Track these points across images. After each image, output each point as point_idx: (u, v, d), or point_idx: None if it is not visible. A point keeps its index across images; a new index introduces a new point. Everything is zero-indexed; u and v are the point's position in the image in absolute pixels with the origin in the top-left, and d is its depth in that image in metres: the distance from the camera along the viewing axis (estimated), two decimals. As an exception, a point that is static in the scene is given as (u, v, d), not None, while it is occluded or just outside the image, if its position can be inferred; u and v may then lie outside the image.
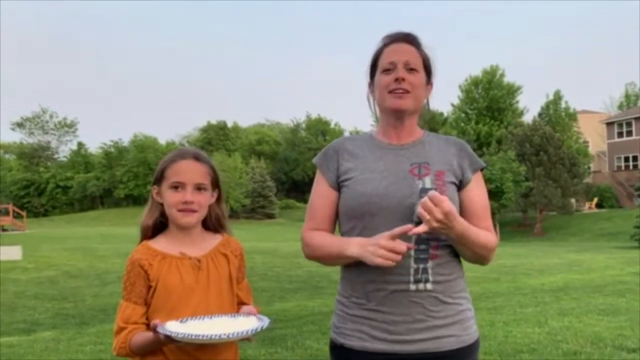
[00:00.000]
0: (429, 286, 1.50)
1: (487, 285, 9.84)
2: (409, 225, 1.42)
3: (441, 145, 1.63)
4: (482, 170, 1.65)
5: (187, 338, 1.37)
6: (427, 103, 1.67)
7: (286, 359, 4.56)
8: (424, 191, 1.50)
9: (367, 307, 1.53)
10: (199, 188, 1.59)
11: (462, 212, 1.57)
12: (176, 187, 1.57)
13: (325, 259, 1.60)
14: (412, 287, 1.50)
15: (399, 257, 1.42)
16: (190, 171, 1.58)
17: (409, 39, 1.62)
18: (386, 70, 1.58)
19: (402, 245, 1.42)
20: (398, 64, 1.57)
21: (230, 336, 1.39)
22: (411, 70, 1.57)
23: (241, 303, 1.67)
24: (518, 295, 8.13)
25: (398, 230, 1.42)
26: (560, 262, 13.99)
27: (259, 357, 4.49)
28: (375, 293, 1.52)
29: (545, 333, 5.13)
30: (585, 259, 14.61)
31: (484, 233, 1.56)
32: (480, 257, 1.57)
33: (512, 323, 5.66)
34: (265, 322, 1.46)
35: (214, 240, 1.66)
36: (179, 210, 1.57)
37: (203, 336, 1.37)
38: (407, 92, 1.56)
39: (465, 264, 1.63)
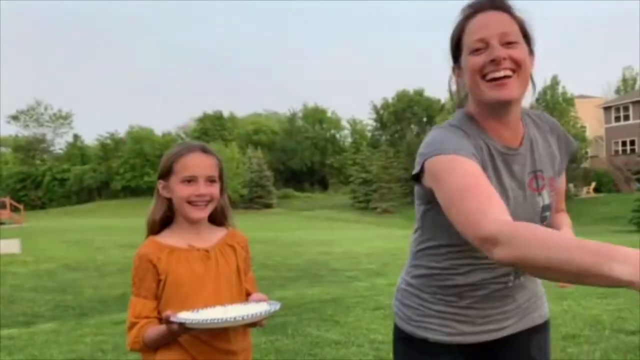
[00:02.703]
0: (522, 278, 1.46)
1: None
2: None
3: (544, 139, 1.42)
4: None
5: (201, 324, 1.36)
6: (531, 78, 1.32)
7: (287, 346, 4.57)
8: (544, 209, 1.38)
9: (458, 305, 1.44)
10: (210, 180, 1.60)
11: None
12: (189, 180, 1.57)
13: (550, 271, 0.92)
14: (511, 284, 1.44)
15: None
16: (201, 164, 1.59)
17: (496, 4, 1.29)
18: (476, 50, 1.26)
19: None
20: (491, 40, 1.24)
21: (245, 318, 1.38)
22: (510, 44, 1.24)
23: (248, 295, 1.68)
24: (517, 280, 8.14)
25: None
26: (558, 246, 14.04)
27: (260, 345, 4.50)
28: (472, 293, 1.42)
29: (544, 317, 5.15)
30: (583, 243, 14.66)
31: (568, 228, 1.50)
32: None
33: (511, 308, 5.68)
34: (277, 305, 1.49)
35: (219, 233, 1.67)
36: (190, 203, 1.57)
37: (217, 320, 1.36)
38: (512, 72, 1.24)
39: None
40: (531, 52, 1.31)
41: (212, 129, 54.95)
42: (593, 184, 37.78)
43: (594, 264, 0.87)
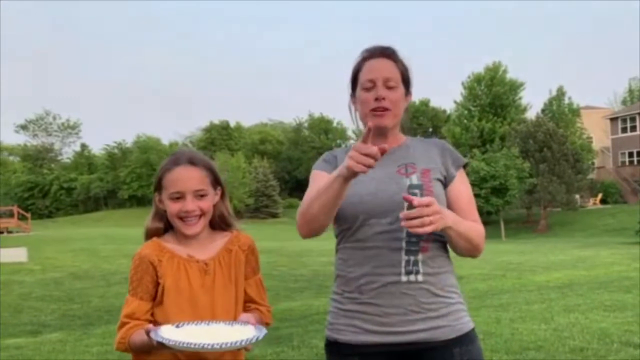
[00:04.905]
0: (419, 278, 1.54)
1: (492, 282, 9.83)
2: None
3: (424, 147, 1.72)
4: (465, 166, 1.73)
5: (178, 346, 1.35)
6: (407, 110, 1.76)
7: (292, 358, 4.56)
8: (412, 187, 1.59)
9: (360, 301, 1.57)
10: (199, 195, 1.55)
11: (449, 207, 1.64)
12: (176, 197, 1.54)
13: (320, 208, 1.50)
14: (404, 278, 1.54)
15: (372, 162, 1.38)
16: (187, 179, 1.54)
17: (386, 53, 1.69)
18: (366, 89, 1.66)
19: (374, 148, 1.39)
20: (377, 82, 1.64)
21: (223, 346, 1.36)
22: (390, 88, 1.64)
23: (250, 301, 1.65)
24: (524, 292, 8.10)
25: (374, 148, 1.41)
26: (565, 258, 13.95)
27: (266, 357, 4.50)
28: (368, 286, 1.56)
29: (551, 330, 5.12)
30: (590, 255, 14.57)
31: (473, 223, 1.64)
32: (473, 246, 1.61)
33: (518, 320, 5.65)
34: (261, 333, 1.43)
35: (221, 240, 1.64)
36: (181, 219, 1.55)
37: (194, 345, 1.35)
38: (387, 109, 1.64)
39: (464, 262, 1.65)
40: (408, 93, 1.72)
41: (218, 139, 55.15)
42: (599, 195, 37.57)
43: (328, 181, 1.48)
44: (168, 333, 1.39)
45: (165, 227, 1.62)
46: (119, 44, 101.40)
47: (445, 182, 1.66)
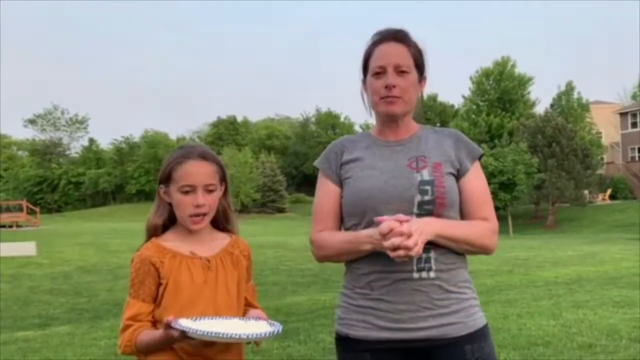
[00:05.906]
0: (432, 274, 1.52)
1: (500, 278, 9.79)
2: (397, 219, 1.44)
3: (437, 138, 1.66)
4: (480, 157, 1.66)
5: (204, 335, 1.34)
6: (422, 96, 1.70)
7: (298, 352, 4.57)
8: (422, 183, 1.54)
9: (371, 297, 1.55)
10: (209, 190, 1.56)
11: (462, 200, 1.60)
12: (186, 191, 1.54)
13: (339, 257, 1.62)
14: (415, 275, 1.52)
15: (408, 244, 1.40)
16: (199, 173, 1.55)
17: (398, 37, 1.62)
18: (376, 74, 1.60)
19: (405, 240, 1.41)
20: (388, 68, 1.58)
21: (250, 337, 1.38)
22: (401, 72, 1.58)
23: (247, 304, 1.65)
24: (531, 288, 8.07)
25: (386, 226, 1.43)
26: (574, 254, 13.87)
27: (272, 351, 4.51)
28: (379, 282, 1.54)
29: (559, 325, 5.09)
30: (598, 250, 14.48)
31: (474, 223, 1.57)
32: (477, 248, 1.58)
33: (525, 316, 5.62)
34: (278, 327, 1.45)
35: (223, 241, 1.64)
36: (190, 215, 1.55)
37: (221, 334, 1.34)
38: (398, 97, 1.58)
39: (471, 257, 1.63)
40: (421, 79, 1.66)
41: (226, 134, 55.20)
42: (608, 191, 37.30)
43: (355, 248, 1.55)
44: (188, 325, 1.38)
45: (164, 224, 1.61)
46: (127, 38, 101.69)
47: (458, 176, 1.61)
